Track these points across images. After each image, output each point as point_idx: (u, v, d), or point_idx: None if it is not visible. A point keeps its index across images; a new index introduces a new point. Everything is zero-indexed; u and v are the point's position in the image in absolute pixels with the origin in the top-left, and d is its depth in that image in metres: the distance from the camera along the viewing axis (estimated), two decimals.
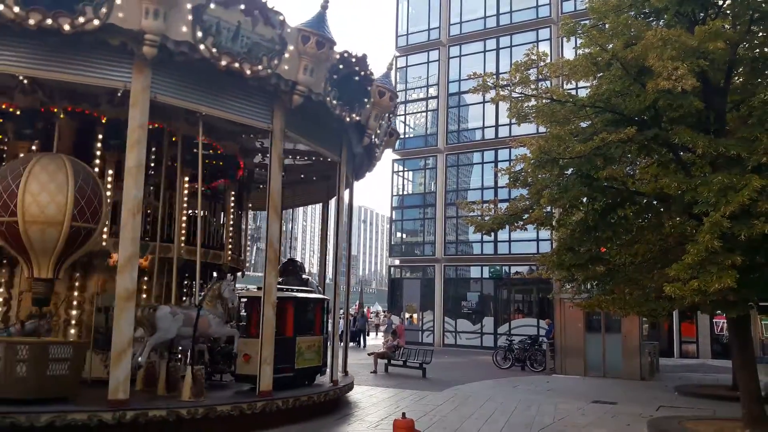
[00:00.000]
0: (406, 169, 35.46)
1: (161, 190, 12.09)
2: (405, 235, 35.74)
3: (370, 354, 19.79)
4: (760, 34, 10.99)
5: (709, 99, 10.48)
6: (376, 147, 13.69)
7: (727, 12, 10.87)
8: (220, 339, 11.37)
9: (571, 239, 11.93)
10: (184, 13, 8.83)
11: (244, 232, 16.16)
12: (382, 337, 33.46)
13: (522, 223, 12.30)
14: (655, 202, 11.74)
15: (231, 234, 14.42)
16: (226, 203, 14.56)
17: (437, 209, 33.04)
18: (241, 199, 15.29)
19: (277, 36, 9.78)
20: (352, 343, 29.14)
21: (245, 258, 16.77)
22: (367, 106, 11.96)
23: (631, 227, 11.69)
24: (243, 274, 16.44)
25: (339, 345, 13.41)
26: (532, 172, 11.84)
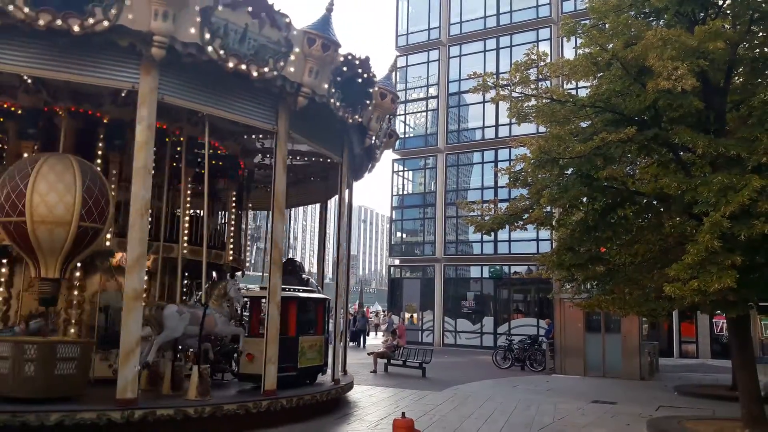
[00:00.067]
0: (406, 168, 35.45)
1: (164, 191, 12.11)
2: (405, 235, 35.74)
3: (369, 354, 19.79)
4: (760, 34, 10.99)
5: (709, 99, 10.48)
6: (376, 148, 13.73)
7: (727, 12, 10.87)
8: (225, 338, 11.39)
9: (571, 239, 11.93)
10: (193, 15, 8.86)
11: (243, 232, 16.18)
12: (381, 336, 33.46)
13: (522, 222, 12.31)
14: (655, 202, 11.74)
15: (232, 234, 14.43)
16: (228, 203, 14.56)
17: (437, 209, 33.03)
18: (241, 199, 15.30)
19: (283, 38, 9.82)
20: (352, 343, 29.19)
21: (245, 258, 16.78)
22: (369, 108, 12.01)
23: (631, 227, 11.69)
24: (243, 273, 16.46)
25: (339, 344, 13.43)
26: (532, 171, 11.85)
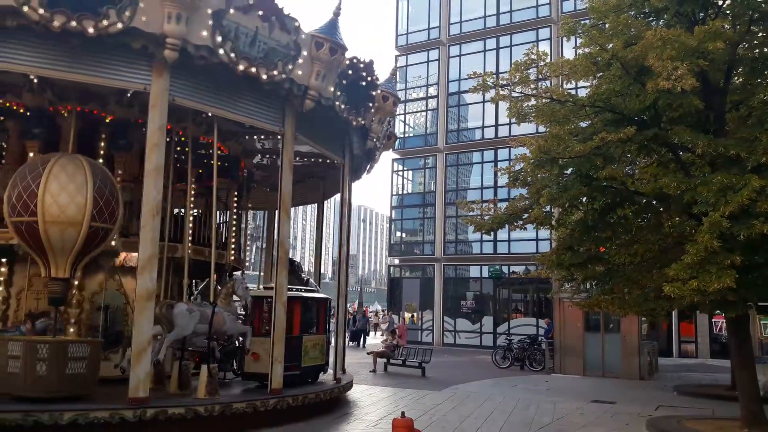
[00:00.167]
0: (405, 168, 35.46)
1: (169, 191, 12.12)
2: (404, 235, 35.74)
3: (369, 353, 19.79)
4: (760, 35, 11.01)
5: (709, 99, 10.49)
6: (376, 149, 13.88)
7: (727, 12, 10.88)
8: (232, 336, 11.46)
9: (570, 239, 11.94)
10: (205, 18, 8.91)
11: (243, 232, 16.21)
12: (381, 336, 33.47)
13: (521, 222, 12.32)
14: (654, 202, 11.74)
15: (233, 233, 14.47)
16: (229, 203, 14.61)
17: (437, 209, 33.03)
18: (241, 199, 15.34)
19: (292, 42, 9.91)
20: (352, 343, 29.21)
21: (245, 257, 16.79)
22: (372, 111, 12.17)
23: (631, 227, 11.70)
24: (243, 273, 16.46)
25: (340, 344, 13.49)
26: (532, 171, 11.86)
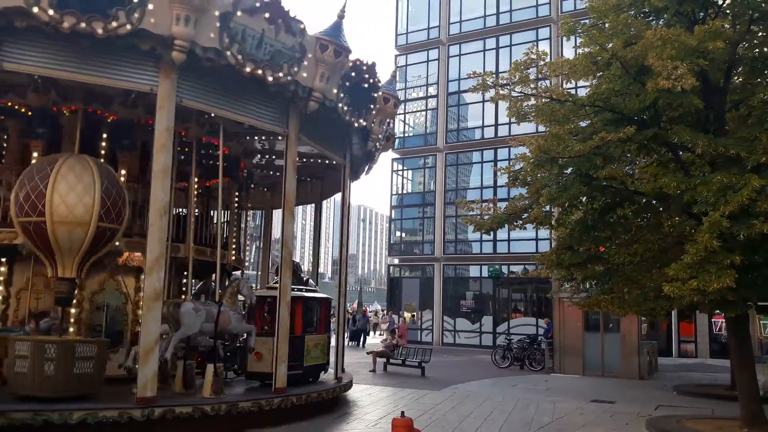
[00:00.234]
0: (405, 168, 35.44)
1: (171, 191, 12.13)
2: (404, 234, 35.72)
3: (369, 353, 19.79)
4: (760, 34, 11.00)
5: (709, 98, 10.49)
6: (376, 150, 13.96)
7: (727, 12, 10.87)
8: (237, 335, 11.54)
9: (570, 238, 11.94)
10: (213, 20, 8.97)
11: (243, 231, 16.21)
12: (381, 335, 33.46)
13: (521, 222, 12.33)
14: (654, 202, 11.74)
15: (234, 233, 14.50)
16: (230, 203, 14.63)
17: (437, 208, 33.02)
18: (241, 199, 15.37)
19: (297, 44, 9.98)
20: (352, 342, 29.22)
21: (245, 257, 16.80)
22: (373, 112, 12.26)
23: (630, 226, 11.70)
24: (242, 273, 16.45)
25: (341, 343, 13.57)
26: (532, 171, 11.86)
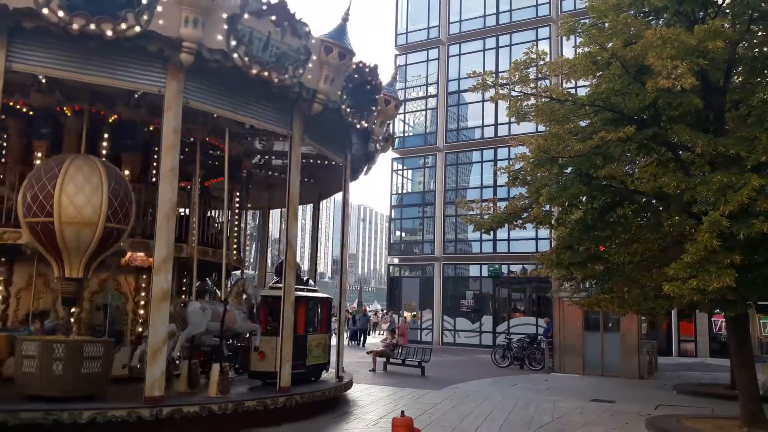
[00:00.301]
0: (405, 167, 35.42)
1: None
2: (404, 234, 35.71)
3: (368, 352, 19.79)
4: (760, 34, 11.00)
5: (709, 98, 10.49)
6: (376, 151, 14.08)
7: (727, 11, 10.87)
8: (241, 334, 11.63)
9: (570, 238, 11.94)
10: (220, 23, 9.04)
11: (243, 231, 16.23)
12: (380, 335, 33.46)
13: (521, 221, 12.34)
14: (654, 201, 11.75)
15: (235, 233, 14.56)
16: (231, 203, 14.66)
17: (436, 208, 33.00)
18: (241, 199, 15.39)
19: (302, 46, 10.08)
20: (352, 342, 29.24)
21: (245, 256, 16.82)
22: (374, 114, 12.36)
23: (630, 226, 11.70)
24: (242, 272, 16.46)
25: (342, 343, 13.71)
26: (532, 170, 11.86)
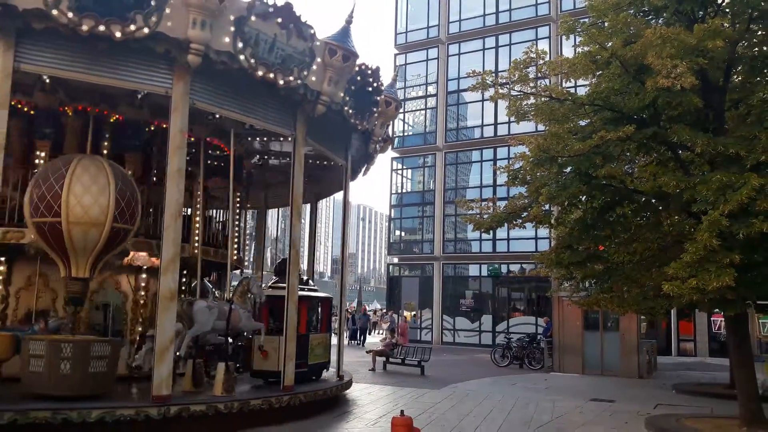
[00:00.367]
0: (405, 167, 35.41)
1: None
2: (404, 233, 35.69)
3: (368, 352, 19.80)
4: (759, 33, 11.00)
5: (708, 97, 10.50)
6: (375, 152, 14.15)
7: (726, 10, 10.87)
8: (244, 333, 11.68)
9: (569, 237, 11.95)
10: (227, 25, 9.11)
11: (243, 231, 16.25)
12: (381, 334, 33.45)
13: (521, 221, 12.35)
14: (653, 201, 11.75)
15: (236, 233, 14.57)
16: (232, 203, 14.68)
17: (436, 207, 32.99)
18: (241, 199, 15.41)
19: (307, 48, 10.15)
20: (352, 341, 29.23)
21: (244, 256, 16.85)
22: (375, 115, 12.44)
23: (630, 225, 11.70)
24: (241, 272, 16.49)
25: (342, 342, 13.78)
26: (531, 170, 11.87)
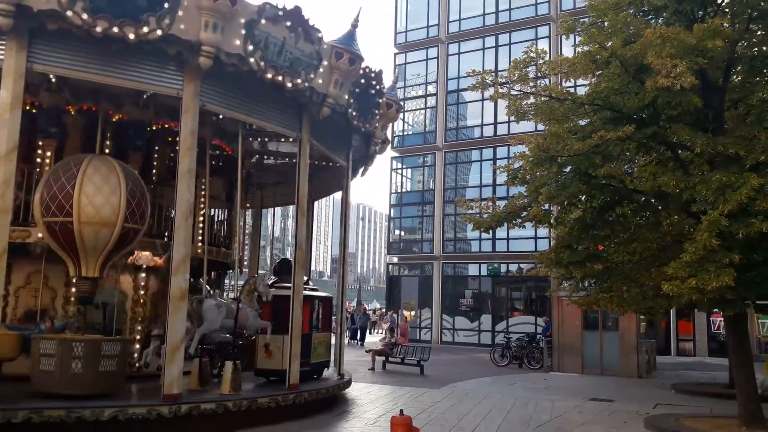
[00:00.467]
0: (404, 166, 35.43)
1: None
2: (403, 233, 35.70)
3: (368, 351, 19.80)
4: (759, 33, 11.00)
5: (708, 97, 10.50)
6: (375, 153, 14.26)
7: (726, 10, 10.87)
8: (249, 331, 11.78)
9: (569, 237, 11.95)
10: (238, 28, 9.20)
11: (242, 230, 16.28)
12: (380, 333, 33.45)
13: (520, 220, 12.34)
14: (653, 200, 11.75)
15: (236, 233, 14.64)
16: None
17: (436, 207, 33.00)
18: (241, 199, 15.43)
19: (315, 51, 10.27)
20: (352, 341, 29.23)
21: (243, 255, 16.85)
22: (377, 117, 12.58)
23: (629, 225, 11.71)
24: (241, 271, 16.48)
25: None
26: (531, 169, 11.86)
